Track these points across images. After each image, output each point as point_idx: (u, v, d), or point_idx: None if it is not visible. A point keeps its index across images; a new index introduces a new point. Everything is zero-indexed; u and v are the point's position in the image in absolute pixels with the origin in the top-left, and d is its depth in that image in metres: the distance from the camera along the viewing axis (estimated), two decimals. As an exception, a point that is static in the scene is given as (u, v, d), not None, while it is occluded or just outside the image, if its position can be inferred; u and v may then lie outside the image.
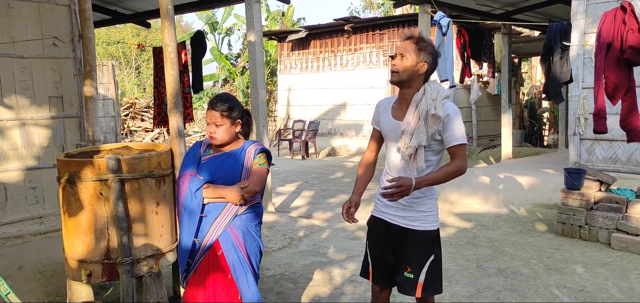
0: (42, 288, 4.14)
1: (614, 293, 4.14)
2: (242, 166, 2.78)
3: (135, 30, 26.76)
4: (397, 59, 2.67)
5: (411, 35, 2.70)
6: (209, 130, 2.77)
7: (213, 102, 2.78)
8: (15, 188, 4.71)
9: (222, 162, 2.80)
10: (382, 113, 2.84)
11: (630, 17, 4.63)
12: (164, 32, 3.70)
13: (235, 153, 2.82)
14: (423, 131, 2.62)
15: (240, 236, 2.76)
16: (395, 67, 2.67)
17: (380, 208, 2.86)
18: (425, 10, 8.41)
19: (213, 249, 2.74)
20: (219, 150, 2.86)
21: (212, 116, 2.75)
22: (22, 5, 4.71)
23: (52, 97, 4.91)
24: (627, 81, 4.77)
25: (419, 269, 2.74)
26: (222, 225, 2.73)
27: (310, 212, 7.19)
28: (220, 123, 2.74)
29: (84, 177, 3.10)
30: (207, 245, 2.73)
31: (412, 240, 2.75)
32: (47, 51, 4.87)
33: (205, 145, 2.92)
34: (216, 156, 2.84)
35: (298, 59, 17.20)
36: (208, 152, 2.88)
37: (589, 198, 5.56)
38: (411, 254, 2.75)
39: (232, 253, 2.74)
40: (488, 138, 14.39)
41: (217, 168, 2.77)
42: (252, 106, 7.05)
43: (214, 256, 2.74)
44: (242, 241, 2.76)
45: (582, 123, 6.75)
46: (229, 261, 2.73)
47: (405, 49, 2.65)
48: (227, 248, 2.74)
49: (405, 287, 2.77)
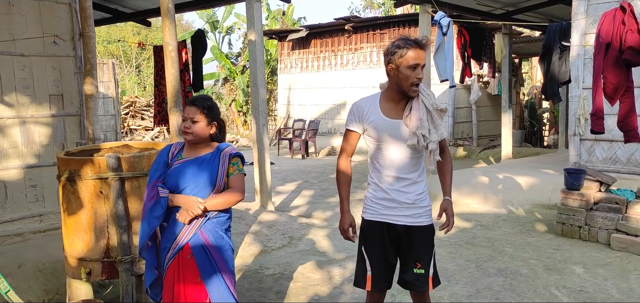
0: (42, 286, 4.15)
1: (614, 294, 4.14)
2: (217, 171, 2.74)
3: (135, 29, 26.76)
4: (420, 71, 2.65)
5: (424, 44, 2.67)
6: (185, 125, 2.72)
7: (193, 99, 2.78)
8: (15, 186, 4.71)
9: (197, 168, 2.73)
10: (368, 114, 2.75)
11: (630, 17, 4.63)
12: (165, 31, 3.71)
13: (208, 157, 2.76)
14: (441, 124, 2.74)
15: (211, 239, 2.72)
16: (420, 79, 2.65)
17: (379, 211, 2.79)
18: (426, 10, 8.41)
19: (183, 252, 2.70)
20: (191, 154, 2.77)
21: (189, 111, 2.72)
22: (22, 3, 4.71)
23: (52, 95, 4.92)
24: (625, 82, 4.77)
25: (428, 263, 2.79)
26: (193, 228, 2.69)
27: (310, 211, 7.19)
28: (197, 119, 2.71)
29: (84, 175, 3.11)
30: (177, 247, 2.70)
31: (420, 235, 2.78)
32: (48, 49, 4.88)
33: (175, 149, 2.82)
34: (189, 160, 2.75)
35: (298, 58, 17.20)
36: (180, 156, 2.78)
37: (588, 199, 5.56)
38: (420, 250, 2.78)
39: (203, 257, 2.71)
40: (488, 138, 14.39)
41: (193, 175, 2.71)
42: (253, 105, 7.05)
43: (184, 259, 2.71)
44: (212, 244, 2.73)
45: (582, 123, 6.75)
46: (199, 264, 2.70)
47: (423, 59, 2.65)
48: (197, 252, 2.71)
49: (417, 283, 2.78)
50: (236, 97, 20.93)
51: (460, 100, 14.18)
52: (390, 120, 2.72)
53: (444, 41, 7.79)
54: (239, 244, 5.33)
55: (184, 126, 2.73)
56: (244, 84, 20.14)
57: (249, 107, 19.64)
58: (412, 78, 2.62)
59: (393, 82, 2.70)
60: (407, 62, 2.61)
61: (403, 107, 2.73)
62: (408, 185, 2.75)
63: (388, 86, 2.76)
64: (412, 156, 2.74)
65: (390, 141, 2.73)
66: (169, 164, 2.77)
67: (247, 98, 19.98)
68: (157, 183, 2.71)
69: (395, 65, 2.64)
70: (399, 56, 2.62)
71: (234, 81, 21.18)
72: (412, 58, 2.60)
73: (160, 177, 2.73)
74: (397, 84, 2.68)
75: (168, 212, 2.70)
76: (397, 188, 2.75)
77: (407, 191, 2.75)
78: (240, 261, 5.02)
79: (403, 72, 2.62)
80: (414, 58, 2.60)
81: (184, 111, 2.77)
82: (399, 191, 2.74)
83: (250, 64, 7.02)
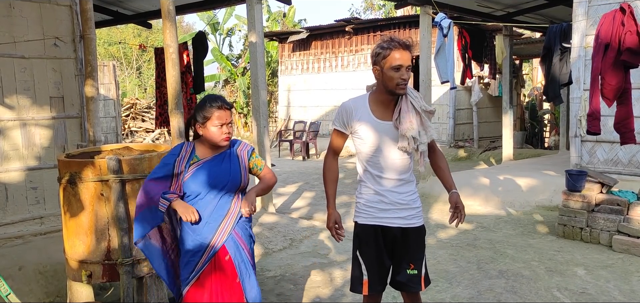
0: (43, 289, 4.14)
1: (616, 296, 4.13)
2: (240, 167, 2.76)
3: (136, 31, 26.80)
4: (405, 72, 2.62)
5: (408, 45, 2.64)
6: (222, 131, 2.66)
7: (220, 103, 2.68)
8: (16, 188, 4.71)
9: (223, 166, 2.73)
10: (356, 115, 2.72)
11: (629, 19, 4.62)
12: (166, 33, 3.70)
13: (226, 154, 2.75)
14: (430, 126, 2.76)
15: (243, 237, 2.76)
16: (405, 80, 2.62)
17: (373, 214, 2.76)
18: (427, 12, 8.41)
19: (219, 254, 2.70)
20: (207, 154, 2.73)
21: (225, 116, 2.66)
22: (23, 5, 4.71)
23: (53, 97, 4.92)
24: (623, 83, 4.77)
25: (420, 263, 2.81)
26: (227, 229, 2.70)
27: (311, 213, 7.18)
28: (232, 121, 2.73)
29: (85, 177, 3.10)
30: (213, 251, 2.68)
31: (413, 237, 2.79)
32: (49, 51, 4.87)
33: (187, 150, 2.74)
34: (210, 160, 2.72)
35: (299, 60, 17.21)
36: (195, 157, 2.72)
37: (590, 200, 5.55)
38: (413, 251, 2.79)
39: (238, 257, 2.73)
40: (489, 140, 14.39)
41: (220, 173, 2.70)
42: (254, 107, 7.05)
43: (221, 261, 2.70)
44: (244, 242, 2.77)
45: (583, 124, 6.73)
46: (236, 265, 2.72)
47: (408, 60, 2.63)
48: (234, 253, 2.72)
49: (410, 284, 2.78)
50: (237, 99, 20.93)
51: (461, 101, 14.17)
52: (381, 122, 2.71)
53: (445, 42, 7.78)
54: (240, 246, 5.33)
55: (223, 133, 2.67)
56: (245, 85, 20.15)
57: (250, 109, 19.68)
58: (396, 79, 2.61)
59: (380, 84, 2.70)
60: (390, 64, 2.60)
61: (392, 108, 2.72)
62: (401, 185, 2.76)
63: (376, 88, 2.76)
64: (403, 157, 2.74)
65: (382, 142, 2.71)
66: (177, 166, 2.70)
67: (247, 100, 19.98)
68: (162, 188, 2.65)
69: (380, 67, 2.64)
70: (383, 58, 2.62)
71: (235, 83, 21.19)
72: (395, 59, 2.59)
73: (165, 178, 2.68)
74: (384, 85, 2.67)
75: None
76: (390, 188, 2.74)
77: (400, 191, 2.75)
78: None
79: (387, 74, 2.62)
80: (398, 59, 2.59)
81: (215, 117, 2.66)
82: (392, 192, 2.74)
83: (251, 65, 7.02)
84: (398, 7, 10.82)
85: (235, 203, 2.75)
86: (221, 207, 2.71)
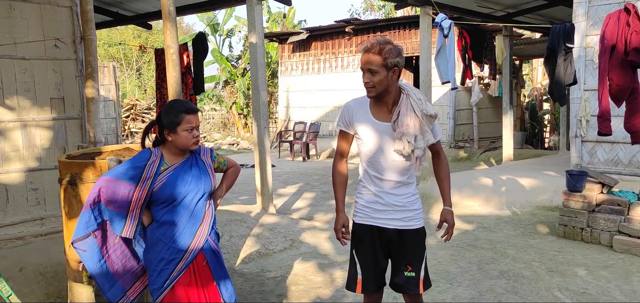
0: (43, 290, 4.14)
1: (616, 296, 4.13)
2: (207, 170, 2.77)
3: (136, 32, 26.81)
4: (368, 76, 2.61)
5: (369, 48, 2.60)
6: (192, 135, 2.67)
7: (188, 108, 2.68)
8: (16, 189, 4.71)
9: (193, 171, 2.71)
10: (357, 115, 2.73)
11: (634, 19, 4.62)
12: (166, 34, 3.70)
13: (192, 160, 2.75)
14: (428, 131, 2.70)
15: (215, 240, 2.77)
16: (370, 84, 2.62)
17: (369, 215, 2.77)
18: (427, 12, 8.41)
19: (197, 259, 2.70)
20: (175, 160, 2.71)
21: (194, 120, 2.66)
22: (23, 6, 4.72)
23: (53, 98, 4.92)
24: (631, 83, 4.76)
25: (419, 266, 2.78)
26: (204, 234, 2.69)
27: (311, 214, 7.18)
28: (198, 125, 2.73)
29: (86, 178, 3.10)
30: (191, 256, 2.67)
31: (411, 239, 2.77)
32: (49, 53, 4.88)
33: (156, 156, 2.70)
34: (180, 166, 2.70)
35: (299, 60, 17.21)
36: (165, 163, 2.69)
37: (590, 201, 5.55)
38: (411, 253, 2.77)
39: (214, 260, 2.74)
40: (489, 140, 14.39)
41: (192, 178, 2.69)
42: (254, 108, 7.05)
43: (198, 265, 2.70)
44: (215, 245, 2.78)
45: (583, 125, 6.74)
46: (212, 268, 2.73)
47: (369, 62, 2.59)
48: (210, 256, 2.72)
49: (408, 286, 2.78)
50: (237, 99, 20.94)
51: (461, 102, 14.17)
52: (380, 123, 2.70)
53: (446, 43, 7.78)
54: (241, 246, 5.33)
55: (194, 136, 2.68)
56: (245, 86, 20.15)
57: (250, 109, 19.68)
58: (363, 80, 2.66)
59: None
60: (361, 66, 2.67)
61: (392, 110, 2.70)
62: (398, 187, 2.74)
63: None
64: (402, 158, 2.71)
65: (380, 144, 2.71)
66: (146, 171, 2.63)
67: (247, 101, 19.99)
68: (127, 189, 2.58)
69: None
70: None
71: (235, 84, 21.19)
72: (361, 62, 2.66)
73: (132, 179, 2.60)
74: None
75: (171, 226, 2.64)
76: (387, 190, 2.73)
77: (397, 193, 2.73)
78: (241, 264, 5.02)
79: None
80: (362, 62, 2.64)
81: (186, 122, 2.65)
82: (389, 193, 2.73)
83: (251, 66, 7.02)
84: (398, 7, 10.83)
85: (209, 206, 2.77)
86: (198, 212, 2.70)
